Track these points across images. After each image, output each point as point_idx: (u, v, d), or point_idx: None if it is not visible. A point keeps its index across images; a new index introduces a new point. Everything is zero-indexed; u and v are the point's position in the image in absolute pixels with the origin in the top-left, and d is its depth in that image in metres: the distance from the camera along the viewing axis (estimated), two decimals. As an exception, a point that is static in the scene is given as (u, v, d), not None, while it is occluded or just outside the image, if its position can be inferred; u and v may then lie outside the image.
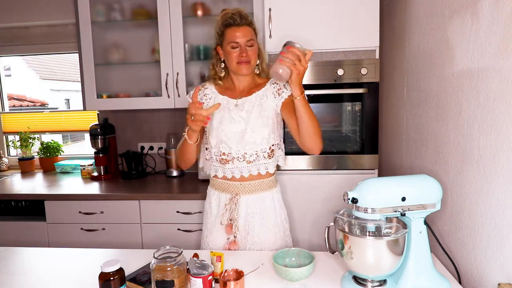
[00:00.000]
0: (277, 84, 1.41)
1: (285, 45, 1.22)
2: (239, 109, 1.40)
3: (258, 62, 1.42)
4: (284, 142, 1.52)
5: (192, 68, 2.36)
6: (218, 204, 1.46)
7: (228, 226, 1.41)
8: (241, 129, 1.37)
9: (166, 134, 2.55)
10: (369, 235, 1.07)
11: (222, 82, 1.46)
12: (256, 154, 1.38)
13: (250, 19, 1.37)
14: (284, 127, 1.49)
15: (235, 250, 1.39)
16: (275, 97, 1.40)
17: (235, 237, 1.40)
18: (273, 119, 1.40)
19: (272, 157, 1.42)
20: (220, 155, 1.40)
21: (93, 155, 2.43)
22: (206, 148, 1.45)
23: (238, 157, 1.38)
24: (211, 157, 1.44)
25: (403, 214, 1.02)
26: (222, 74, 1.46)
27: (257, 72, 1.46)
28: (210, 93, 1.46)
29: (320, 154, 1.89)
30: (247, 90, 1.44)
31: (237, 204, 1.40)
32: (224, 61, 1.43)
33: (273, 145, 1.41)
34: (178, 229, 2.02)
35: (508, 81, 0.92)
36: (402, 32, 1.74)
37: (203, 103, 1.43)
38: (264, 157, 1.40)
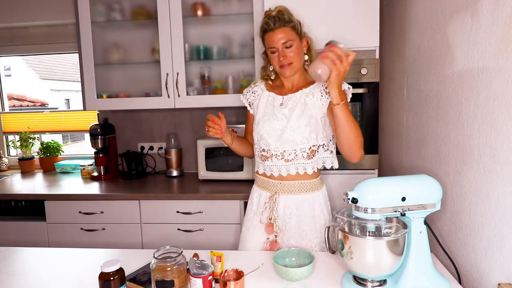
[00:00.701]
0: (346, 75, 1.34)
1: (327, 44, 1.17)
2: (283, 106, 1.38)
3: (307, 57, 1.39)
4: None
5: (192, 68, 2.36)
6: (259, 202, 1.45)
7: (269, 226, 1.39)
8: (282, 126, 1.36)
9: (166, 134, 2.55)
10: (369, 235, 1.06)
11: (273, 82, 1.46)
12: (294, 153, 1.35)
13: (286, 18, 1.33)
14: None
15: (277, 250, 1.35)
16: (322, 96, 1.35)
17: (276, 236, 1.39)
18: (317, 118, 1.34)
19: (312, 157, 1.37)
20: (261, 151, 1.41)
21: (93, 155, 2.43)
22: (254, 144, 1.48)
23: (276, 154, 1.37)
24: (255, 153, 1.47)
25: (403, 214, 1.02)
26: (273, 77, 1.46)
27: (306, 69, 1.40)
28: (258, 90, 1.49)
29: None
30: (296, 87, 1.41)
31: (276, 203, 1.38)
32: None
33: (314, 145, 1.36)
34: (178, 229, 2.02)
35: (508, 81, 0.92)
36: (402, 32, 1.74)
37: (220, 121, 1.41)
38: (303, 157, 1.36)
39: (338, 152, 1.38)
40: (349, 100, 1.34)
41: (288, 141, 1.35)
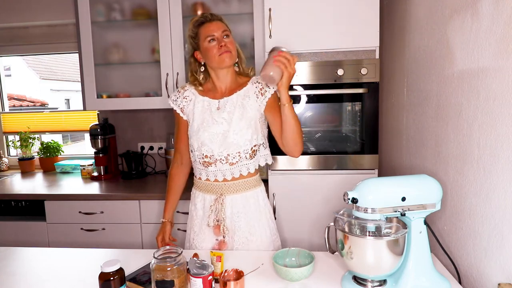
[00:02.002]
0: (259, 83, 1.40)
1: (272, 50, 1.28)
2: (221, 110, 1.38)
3: (237, 60, 1.41)
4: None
5: (192, 68, 2.36)
6: (203, 206, 1.44)
7: (216, 227, 1.40)
8: (223, 130, 1.36)
9: (166, 134, 2.55)
10: (369, 235, 1.07)
11: (203, 86, 1.44)
12: (238, 155, 1.37)
13: (221, 16, 1.40)
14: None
15: (224, 250, 1.39)
16: (258, 97, 1.38)
17: (224, 237, 1.40)
18: (256, 119, 1.39)
19: (254, 157, 1.41)
20: (203, 158, 1.39)
21: (93, 155, 2.44)
22: (191, 151, 1.45)
23: (220, 159, 1.37)
24: (195, 160, 1.44)
25: (403, 214, 1.02)
26: (202, 80, 1.43)
27: (237, 70, 1.45)
28: (190, 95, 1.45)
29: (320, 154, 1.91)
30: (229, 90, 1.42)
31: (223, 205, 1.39)
32: (203, 65, 1.42)
33: (255, 145, 1.40)
34: (178, 229, 2.02)
35: (508, 81, 0.92)
36: (402, 32, 1.74)
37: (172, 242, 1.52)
38: (246, 158, 1.39)
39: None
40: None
41: (232, 145, 1.36)
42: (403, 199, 1.01)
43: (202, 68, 1.42)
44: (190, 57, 1.44)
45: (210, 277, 0.97)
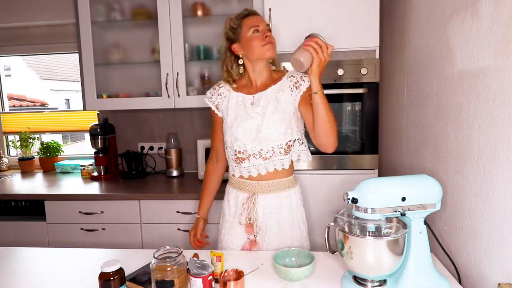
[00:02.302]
0: (294, 77, 1.37)
1: (308, 36, 1.23)
2: (255, 105, 1.37)
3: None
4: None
5: (192, 68, 2.36)
6: (236, 203, 1.44)
7: (249, 226, 1.40)
8: (256, 125, 1.35)
9: (166, 134, 2.55)
10: (369, 235, 1.07)
11: (237, 83, 1.44)
12: (272, 150, 1.35)
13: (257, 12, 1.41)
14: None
15: (255, 250, 1.39)
16: (292, 91, 1.36)
17: (255, 237, 1.40)
18: (290, 113, 1.36)
19: (288, 153, 1.38)
20: (235, 154, 1.39)
21: (93, 155, 2.43)
22: (225, 148, 1.46)
23: (254, 153, 1.37)
24: (228, 157, 1.45)
25: (403, 214, 1.02)
26: (237, 76, 1.42)
27: (272, 69, 1.44)
28: (224, 92, 1.45)
29: (320, 154, 1.90)
30: (264, 85, 1.40)
31: (255, 204, 1.38)
32: (241, 58, 1.39)
33: (290, 140, 1.37)
34: (178, 229, 2.02)
35: (508, 81, 0.92)
36: (402, 32, 1.74)
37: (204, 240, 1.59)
38: (281, 153, 1.36)
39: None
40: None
41: (265, 139, 1.35)
42: (403, 199, 1.01)
43: (241, 61, 1.40)
44: (225, 52, 1.42)
45: (210, 277, 0.97)
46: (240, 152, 1.38)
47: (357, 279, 1.07)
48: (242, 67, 1.41)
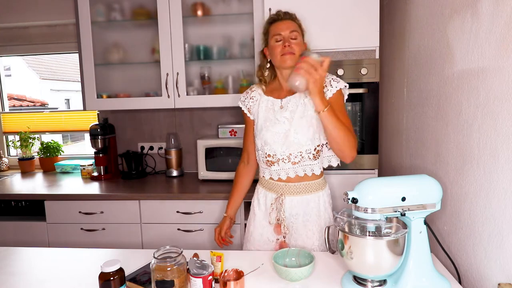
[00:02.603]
0: (324, 81, 1.32)
1: (301, 55, 1.26)
2: (284, 109, 1.38)
3: None
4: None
5: (192, 68, 2.36)
6: (265, 202, 1.45)
7: (277, 226, 1.41)
8: (285, 129, 1.36)
9: (166, 134, 2.55)
10: (369, 235, 1.06)
11: (267, 85, 1.46)
12: (300, 155, 1.35)
13: (294, 16, 1.40)
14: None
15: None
16: (325, 93, 1.32)
17: (284, 237, 1.41)
18: (317, 118, 1.31)
19: (318, 158, 1.38)
20: (266, 157, 1.40)
21: (93, 155, 2.43)
22: (256, 150, 1.47)
23: (283, 158, 1.37)
24: (259, 159, 1.46)
25: (403, 214, 1.02)
26: (267, 76, 1.45)
27: None
28: (256, 95, 1.47)
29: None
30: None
31: (282, 205, 1.39)
32: (270, 62, 1.42)
33: (318, 145, 1.36)
34: (178, 229, 2.02)
35: (508, 81, 0.92)
36: (402, 32, 1.74)
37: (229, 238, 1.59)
38: (309, 158, 1.36)
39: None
40: (345, 99, 1.38)
41: (293, 144, 1.35)
42: (403, 199, 1.00)
43: (268, 65, 1.44)
44: (260, 53, 1.47)
45: (210, 277, 0.97)
46: (270, 156, 1.39)
47: (357, 279, 1.07)
48: (269, 71, 1.44)
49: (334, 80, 1.34)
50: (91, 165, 2.50)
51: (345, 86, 1.36)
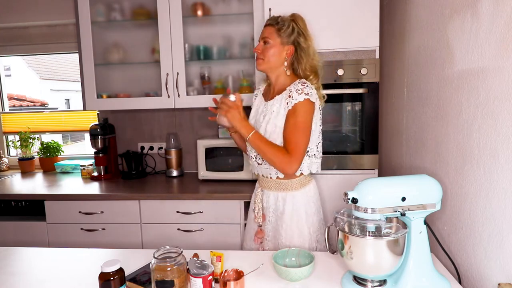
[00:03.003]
0: (290, 90, 1.36)
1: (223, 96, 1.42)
2: (262, 113, 1.46)
3: (286, 63, 1.41)
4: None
5: (192, 68, 2.36)
6: (254, 199, 1.55)
7: (255, 216, 1.52)
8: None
9: (166, 134, 2.55)
10: (369, 235, 1.06)
11: (265, 86, 1.56)
12: (261, 158, 1.43)
13: (278, 20, 1.42)
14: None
15: (261, 238, 1.49)
16: (281, 105, 1.38)
17: (259, 226, 1.49)
18: (280, 126, 1.38)
19: None
20: (249, 155, 1.53)
21: (93, 155, 2.43)
22: None
23: (251, 157, 1.50)
24: None
25: (403, 214, 1.02)
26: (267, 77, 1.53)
27: (300, 74, 1.43)
28: (258, 92, 1.58)
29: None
30: (277, 92, 1.43)
31: (259, 196, 1.50)
32: None
33: None
34: (178, 229, 2.02)
35: (508, 81, 0.92)
36: (402, 32, 1.74)
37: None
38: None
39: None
40: (317, 105, 1.40)
41: None
42: (403, 199, 1.01)
43: None
44: None
45: (210, 277, 0.97)
46: (249, 155, 1.53)
47: (357, 279, 1.07)
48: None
49: (298, 91, 1.33)
50: (91, 165, 2.50)
51: (305, 99, 1.33)
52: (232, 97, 1.39)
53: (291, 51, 1.41)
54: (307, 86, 1.34)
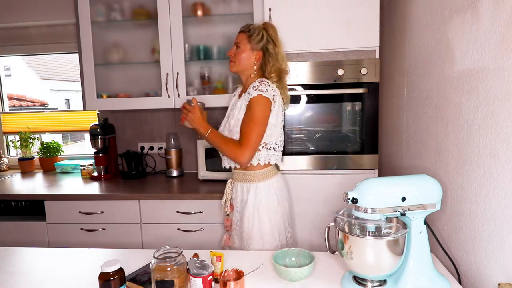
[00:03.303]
0: (249, 88, 1.51)
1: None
2: (231, 108, 1.64)
3: (255, 66, 1.57)
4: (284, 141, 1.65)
5: (192, 68, 2.36)
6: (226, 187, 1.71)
7: (226, 206, 1.67)
8: (222, 125, 1.64)
9: (166, 134, 2.55)
10: (369, 235, 1.07)
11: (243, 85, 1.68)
12: None
13: (249, 28, 1.56)
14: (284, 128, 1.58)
15: (228, 226, 1.65)
16: (240, 100, 1.57)
17: (227, 215, 1.66)
18: (240, 121, 1.53)
19: None
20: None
21: (93, 155, 2.43)
22: None
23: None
24: None
25: (403, 214, 1.02)
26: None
27: (256, 75, 1.59)
28: (236, 93, 1.72)
29: (320, 154, 1.91)
30: (246, 90, 1.57)
31: (228, 187, 1.66)
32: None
33: None
34: (178, 229, 2.02)
35: (508, 81, 0.92)
36: (402, 32, 1.74)
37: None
38: None
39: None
40: (276, 102, 1.53)
41: None
42: (403, 199, 1.01)
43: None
44: None
45: (210, 277, 0.97)
46: None
47: (357, 279, 1.07)
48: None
49: (254, 88, 1.49)
50: (91, 165, 2.50)
51: (259, 94, 1.46)
52: (192, 102, 1.56)
53: (259, 56, 1.56)
54: (263, 84, 1.49)
